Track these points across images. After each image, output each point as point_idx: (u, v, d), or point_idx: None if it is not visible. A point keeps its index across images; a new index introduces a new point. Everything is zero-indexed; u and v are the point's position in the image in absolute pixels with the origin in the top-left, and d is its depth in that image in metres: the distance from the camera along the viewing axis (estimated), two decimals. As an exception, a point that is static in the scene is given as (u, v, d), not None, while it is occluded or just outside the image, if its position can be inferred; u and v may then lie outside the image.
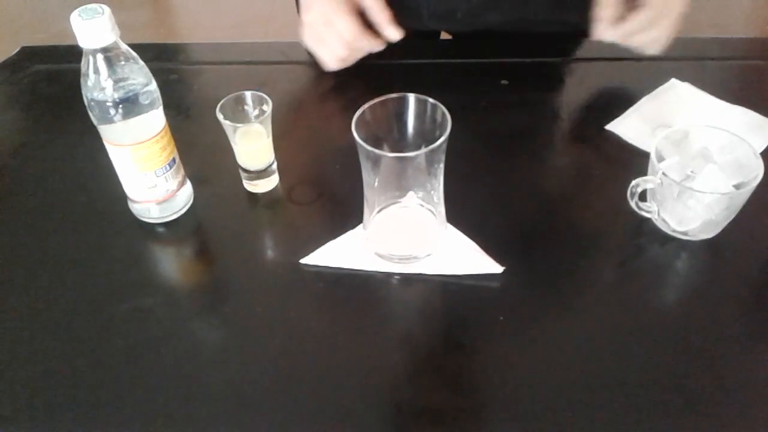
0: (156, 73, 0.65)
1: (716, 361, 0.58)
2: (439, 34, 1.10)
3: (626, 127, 0.78)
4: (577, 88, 0.84)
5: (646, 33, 0.81)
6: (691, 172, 0.66)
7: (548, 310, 0.63)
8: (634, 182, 0.65)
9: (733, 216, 0.65)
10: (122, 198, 0.70)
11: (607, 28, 0.80)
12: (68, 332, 0.62)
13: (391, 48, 0.94)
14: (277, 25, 2.65)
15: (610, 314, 0.62)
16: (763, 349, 0.59)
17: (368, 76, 0.88)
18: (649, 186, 0.65)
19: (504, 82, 0.85)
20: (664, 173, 0.63)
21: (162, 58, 0.93)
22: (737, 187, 0.64)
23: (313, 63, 0.89)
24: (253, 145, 0.70)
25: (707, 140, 0.67)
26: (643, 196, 0.66)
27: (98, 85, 0.60)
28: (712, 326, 0.61)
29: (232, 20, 2.76)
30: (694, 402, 0.55)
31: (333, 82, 0.89)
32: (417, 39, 1.02)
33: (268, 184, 0.74)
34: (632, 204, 0.66)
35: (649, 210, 0.67)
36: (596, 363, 0.58)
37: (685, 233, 0.66)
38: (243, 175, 0.73)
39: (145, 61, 0.64)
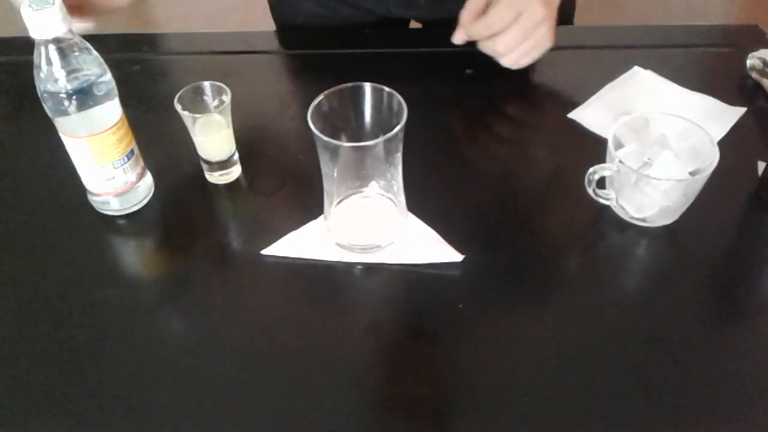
0: (119, 64, 0.64)
1: (677, 347, 0.58)
2: (408, 22, 1.10)
3: (588, 115, 0.79)
4: (540, 77, 0.84)
5: (501, 38, 0.79)
6: (648, 159, 0.66)
7: (508, 297, 0.63)
8: (591, 170, 0.65)
9: (690, 202, 0.66)
10: (82, 191, 0.70)
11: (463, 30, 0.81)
12: (27, 324, 0.62)
13: (357, 37, 0.94)
14: (253, 14, 2.63)
15: (571, 302, 0.62)
16: (720, 333, 0.60)
17: (333, 66, 0.88)
18: (606, 173, 0.65)
19: (468, 71, 0.85)
20: (620, 161, 0.63)
21: (125, 48, 0.92)
22: (693, 173, 0.65)
23: (278, 52, 0.89)
24: (212, 135, 0.69)
25: (665, 127, 0.68)
26: (602, 184, 0.67)
27: (51, 76, 0.60)
28: (672, 312, 0.61)
29: (207, 10, 2.73)
30: (653, 386, 0.55)
31: (297, 72, 0.88)
32: (382, 27, 1.02)
33: (230, 175, 0.73)
34: (590, 191, 0.66)
35: (608, 197, 0.67)
36: (557, 350, 0.59)
37: (643, 220, 0.67)
38: (204, 166, 0.72)
39: (108, 52, 0.63)
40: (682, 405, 0.55)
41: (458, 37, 0.82)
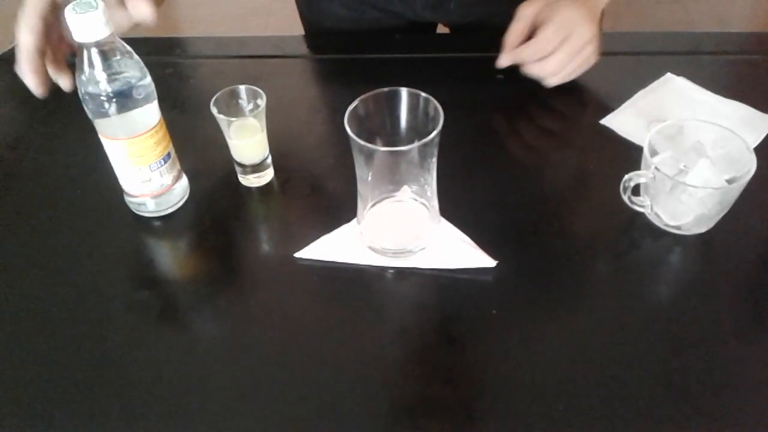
0: (152, 68, 0.65)
1: (709, 356, 0.58)
2: (435, 27, 1.10)
3: (621, 121, 0.78)
4: (572, 83, 0.83)
5: (550, 60, 0.79)
6: (684, 166, 0.66)
7: (541, 304, 0.63)
8: (626, 177, 0.65)
9: (726, 210, 0.65)
10: (119, 192, 0.71)
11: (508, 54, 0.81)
12: (65, 326, 0.62)
13: (387, 41, 0.94)
14: (276, 17, 2.65)
15: (603, 308, 0.62)
16: (756, 343, 0.59)
17: (363, 71, 0.88)
18: (641, 180, 0.65)
19: (500, 76, 0.85)
20: (656, 168, 0.63)
21: (158, 52, 0.94)
22: (730, 181, 0.64)
23: (308, 57, 0.89)
24: (247, 139, 0.70)
25: (700, 135, 0.67)
26: (636, 191, 0.67)
27: (93, 78, 0.61)
28: (705, 321, 0.61)
29: (231, 13, 2.75)
30: (687, 396, 0.55)
31: (327, 76, 0.89)
32: (413, 33, 1.02)
33: (263, 178, 0.74)
34: (625, 198, 0.66)
35: (642, 204, 0.67)
36: (589, 357, 0.58)
37: (678, 228, 0.66)
38: (238, 169, 0.73)
39: (141, 56, 0.64)
40: (713, 414, 0.54)
41: (504, 61, 0.82)
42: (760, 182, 0.63)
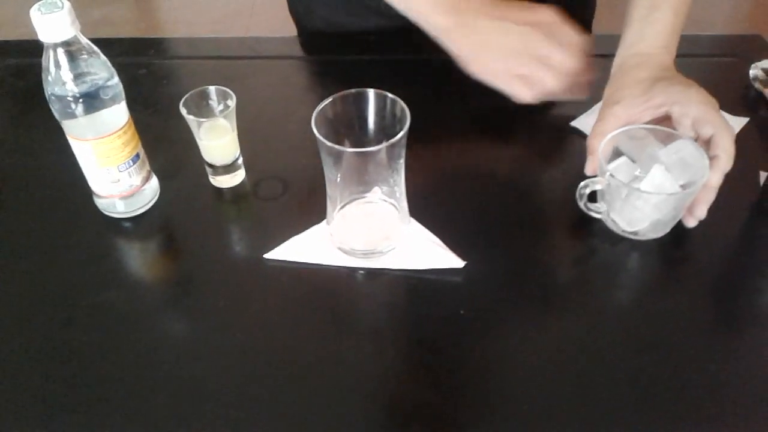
0: (125, 68, 0.65)
1: (671, 356, 0.58)
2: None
3: (591, 124, 0.78)
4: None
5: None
6: (639, 172, 0.67)
7: (508, 305, 0.63)
8: (582, 184, 0.65)
9: (681, 215, 0.66)
10: (88, 193, 0.70)
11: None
12: (31, 326, 0.62)
13: (361, 43, 0.94)
14: (258, 20, 2.65)
15: (570, 309, 0.63)
16: (715, 344, 0.60)
17: (336, 72, 0.88)
18: (597, 187, 0.65)
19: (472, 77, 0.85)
20: (611, 174, 0.63)
21: (132, 52, 0.93)
22: (685, 187, 0.65)
23: (284, 58, 0.89)
24: (217, 140, 0.70)
25: (657, 140, 0.68)
26: (594, 197, 0.67)
27: (59, 79, 0.60)
28: (671, 320, 0.61)
29: (213, 15, 2.75)
30: (651, 395, 0.56)
31: (302, 78, 0.89)
32: (385, 34, 1.01)
33: (234, 179, 0.74)
34: (581, 205, 0.66)
35: (599, 211, 0.67)
36: (554, 358, 0.59)
37: (635, 233, 0.67)
38: (208, 170, 0.73)
39: (114, 56, 0.64)
40: (679, 412, 0.55)
41: (590, 168, 0.71)
42: (725, 183, 0.64)
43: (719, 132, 0.65)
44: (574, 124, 0.80)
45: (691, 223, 0.67)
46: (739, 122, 0.79)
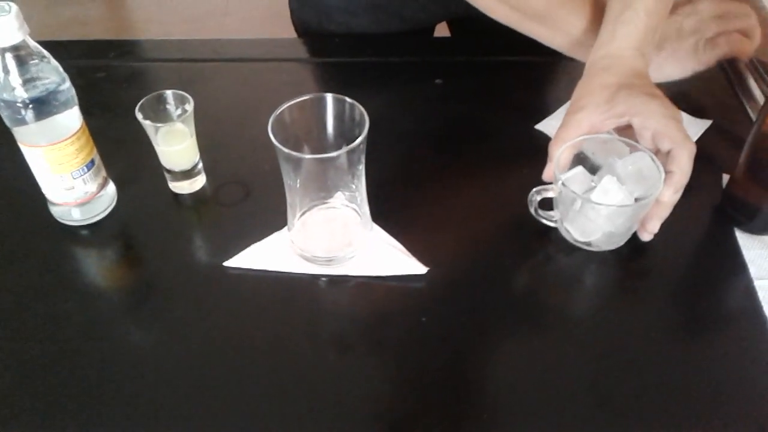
0: (84, 71, 0.64)
1: (631, 362, 0.58)
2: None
3: (555, 126, 0.77)
4: (510, 87, 0.84)
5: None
6: (593, 183, 0.66)
7: (469, 312, 0.62)
8: (533, 190, 0.65)
9: (635, 228, 0.65)
10: (43, 200, 0.69)
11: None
12: (-21, 340, 0.60)
13: (326, 46, 0.93)
14: (232, 19, 2.63)
15: (532, 316, 0.62)
16: (671, 350, 0.60)
17: (298, 75, 0.87)
18: (549, 195, 0.65)
19: (438, 81, 0.85)
20: (563, 184, 0.63)
21: (91, 55, 0.91)
22: (640, 199, 0.64)
23: (246, 60, 0.88)
24: (175, 145, 0.69)
25: (616, 150, 0.67)
26: (550, 204, 0.66)
27: (8, 85, 0.59)
28: (626, 328, 0.61)
29: (186, 15, 2.72)
30: (609, 400, 0.56)
31: (264, 82, 0.87)
32: (352, 37, 1.01)
33: (194, 184, 0.72)
34: (531, 211, 0.66)
35: (551, 219, 0.67)
36: (514, 365, 0.58)
37: (588, 244, 0.66)
38: (167, 175, 0.72)
39: (73, 59, 0.62)
40: (637, 417, 0.55)
41: (547, 174, 0.69)
42: (688, 187, 0.64)
43: (677, 148, 0.64)
44: (538, 127, 0.79)
45: (644, 237, 0.66)
46: (702, 125, 0.79)
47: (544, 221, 0.66)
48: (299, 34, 1.04)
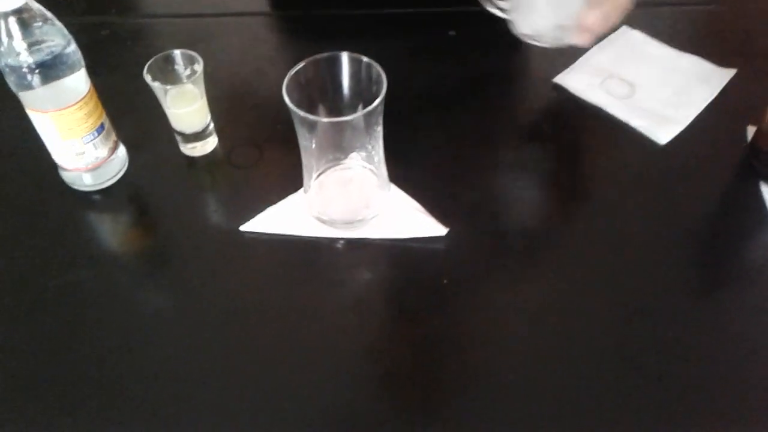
0: (86, 29, 0.62)
1: (654, 320, 0.58)
2: None
3: (574, 79, 0.76)
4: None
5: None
6: None
7: (491, 272, 0.62)
8: None
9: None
10: (54, 165, 0.67)
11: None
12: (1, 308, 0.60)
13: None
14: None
15: (553, 274, 0.61)
16: (695, 307, 0.59)
17: (311, 28, 0.84)
18: None
19: (451, 33, 0.82)
20: None
21: (92, 11, 0.88)
22: None
23: (253, 14, 0.85)
24: (186, 107, 0.67)
25: None
26: None
27: (12, 50, 0.57)
28: (656, 283, 0.60)
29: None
30: (635, 357, 0.55)
31: (275, 35, 0.85)
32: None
33: (206, 146, 0.71)
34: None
35: (502, 8, 0.65)
36: (538, 323, 0.58)
37: (535, 38, 0.64)
38: (178, 138, 0.70)
39: (74, 16, 0.60)
40: (663, 374, 0.54)
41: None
42: (712, 140, 0.62)
43: None
44: (556, 80, 0.77)
45: (582, 38, 0.64)
46: (726, 74, 0.77)
47: (495, 11, 0.64)
48: None
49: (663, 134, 0.70)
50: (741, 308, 0.59)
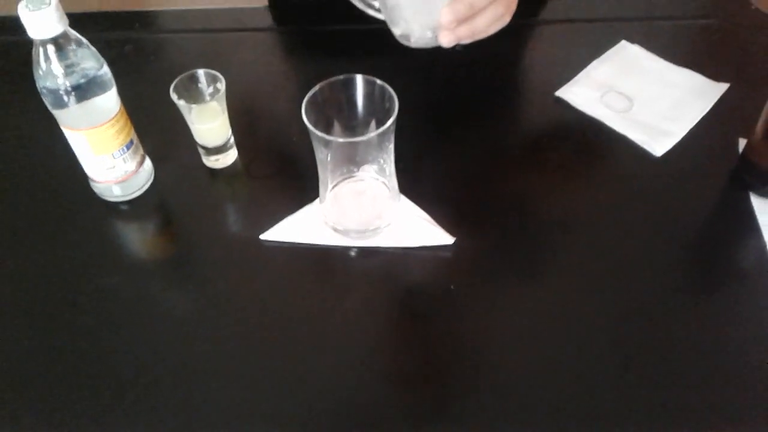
0: (111, 44, 0.65)
1: (647, 323, 0.62)
2: None
3: (575, 93, 0.80)
4: (530, 53, 0.85)
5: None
6: None
7: (496, 279, 0.66)
8: None
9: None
10: (84, 176, 0.71)
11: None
12: (35, 313, 0.64)
13: (350, 13, 0.93)
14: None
15: (556, 279, 0.66)
16: (687, 311, 0.63)
17: (324, 43, 0.88)
18: None
19: (457, 47, 0.86)
20: None
21: (117, 27, 0.92)
22: None
23: (271, 30, 0.89)
24: (209, 123, 0.71)
25: None
26: None
27: (50, 73, 0.61)
28: (652, 286, 0.64)
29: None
30: (630, 360, 0.59)
31: (290, 50, 0.89)
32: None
33: (227, 159, 0.75)
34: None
35: (372, 4, 0.65)
36: (541, 327, 0.62)
37: (406, 38, 0.63)
38: (201, 151, 0.74)
39: (100, 31, 0.63)
40: (661, 376, 0.58)
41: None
42: (704, 151, 0.65)
43: None
44: (558, 93, 0.81)
45: (443, 37, 0.61)
46: (719, 88, 0.80)
47: (373, 13, 0.65)
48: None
49: (659, 147, 0.74)
50: (732, 311, 0.63)
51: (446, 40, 0.62)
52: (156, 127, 0.78)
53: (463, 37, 0.63)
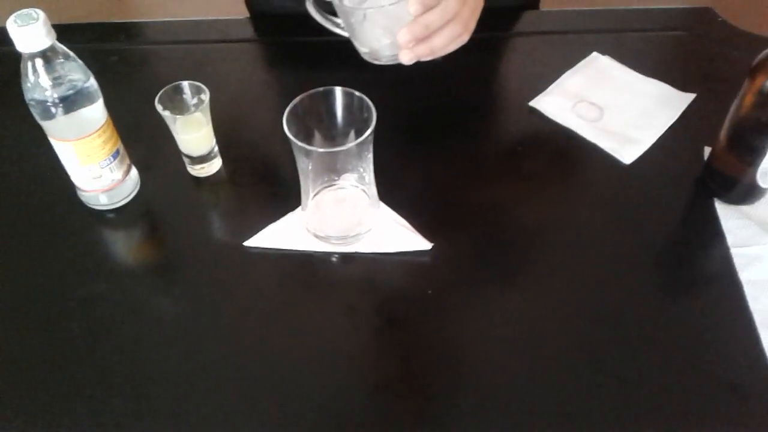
0: (97, 55, 0.67)
1: (615, 325, 0.64)
2: None
3: (548, 103, 0.83)
4: (505, 64, 0.87)
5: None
6: None
7: (472, 283, 0.68)
8: None
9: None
10: (71, 185, 0.73)
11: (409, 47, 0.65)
12: (23, 320, 0.66)
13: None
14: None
15: (530, 285, 0.68)
16: (653, 314, 0.65)
17: (306, 54, 0.90)
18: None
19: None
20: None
21: (103, 38, 0.94)
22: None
23: (254, 41, 0.91)
24: (193, 133, 0.73)
25: None
26: None
27: (37, 86, 0.63)
28: (621, 290, 0.67)
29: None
30: (600, 361, 0.61)
31: (273, 61, 0.91)
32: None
33: (211, 167, 0.77)
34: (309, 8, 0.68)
35: (335, 22, 0.69)
36: (516, 331, 0.64)
37: (376, 58, 0.68)
38: (186, 160, 0.76)
39: (86, 42, 0.65)
40: (629, 376, 0.60)
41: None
42: (671, 159, 0.68)
43: None
44: (532, 103, 0.84)
45: (402, 56, 0.65)
46: (686, 98, 0.84)
47: (337, 31, 0.69)
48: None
49: (627, 155, 0.77)
50: (698, 312, 0.65)
51: (406, 58, 0.66)
52: (142, 137, 0.80)
53: (422, 55, 0.66)
